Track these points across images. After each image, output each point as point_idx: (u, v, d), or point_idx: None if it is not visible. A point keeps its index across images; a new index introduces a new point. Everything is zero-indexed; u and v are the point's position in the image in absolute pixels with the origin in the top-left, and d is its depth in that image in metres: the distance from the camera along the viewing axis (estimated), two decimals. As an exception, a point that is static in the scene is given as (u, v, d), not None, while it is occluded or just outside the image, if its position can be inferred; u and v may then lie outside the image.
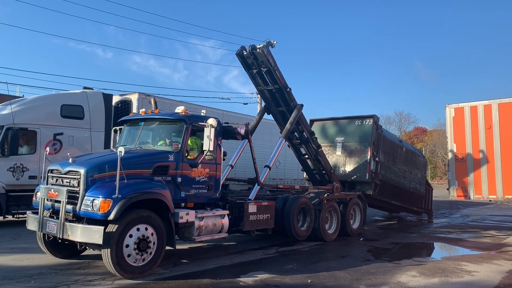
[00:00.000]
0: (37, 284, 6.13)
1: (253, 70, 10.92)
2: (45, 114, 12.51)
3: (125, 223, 6.42)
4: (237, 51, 10.73)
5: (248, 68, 10.95)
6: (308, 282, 6.67)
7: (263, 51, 10.24)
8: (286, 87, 10.94)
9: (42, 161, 11.44)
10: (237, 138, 9.39)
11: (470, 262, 8.45)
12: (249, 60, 10.66)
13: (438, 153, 69.45)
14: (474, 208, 23.18)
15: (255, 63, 10.68)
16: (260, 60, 10.50)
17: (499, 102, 15.36)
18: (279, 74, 10.71)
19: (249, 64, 10.83)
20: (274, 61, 10.57)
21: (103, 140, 13.70)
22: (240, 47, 10.71)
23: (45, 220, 6.95)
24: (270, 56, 10.46)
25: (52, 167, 7.47)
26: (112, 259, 6.26)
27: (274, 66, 10.52)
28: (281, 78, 10.77)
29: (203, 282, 6.49)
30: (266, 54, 10.27)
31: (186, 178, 7.78)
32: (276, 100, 11.41)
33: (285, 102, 11.25)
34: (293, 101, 11.15)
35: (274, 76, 10.68)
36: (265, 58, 10.32)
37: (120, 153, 6.39)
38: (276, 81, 10.79)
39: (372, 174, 12.80)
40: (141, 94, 14.64)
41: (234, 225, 8.73)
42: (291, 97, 11.11)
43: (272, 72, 10.59)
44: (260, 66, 10.67)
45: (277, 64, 10.64)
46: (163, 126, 8.46)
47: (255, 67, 10.79)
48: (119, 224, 6.34)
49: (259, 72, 10.88)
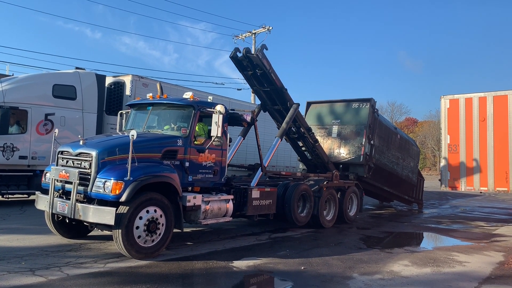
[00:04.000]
0: (28, 265, 6.13)
1: (248, 72, 10.86)
2: (36, 93, 12.40)
3: (136, 204, 6.59)
4: (231, 54, 10.57)
5: (243, 70, 10.90)
6: (302, 269, 6.77)
7: (258, 55, 10.15)
8: (282, 88, 10.95)
9: (33, 141, 11.49)
10: (243, 125, 9.55)
11: (461, 253, 8.64)
12: (244, 62, 10.60)
13: (428, 144, 70.35)
14: (463, 199, 23.68)
15: (250, 66, 10.61)
16: (255, 63, 10.43)
17: (494, 95, 15.58)
18: (275, 76, 10.68)
19: (244, 66, 10.77)
20: (269, 64, 10.50)
21: (95, 122, 13.71)
22: (234, 49, 10.55)
23: (55, 200, 7.08)
24: (265, 59, 10.39)
25: (62, 148, 7.57)
26: (123, 239, 6.45)
27: (269, 69, 10.48)
28: (276, 80, 10.75)
29: (196, 266, 6.59)
30: (261, 58, 10.20)
31: (194, 163, 7.96)
32: (272, 99, 11.44)
33: (282, 101, 11.30)
34: (290, 100, 11.18)
35: (270, 78, 10.66)
36: (260, 61, 10.26)
37: (132, 137, 6.53)
38: (271, 82, 10.78)
39: (366, 157, 13.02)
40: (135, 76, 14.54)
41: (238, 209, 8.95)
42: (288, 97, 11.14)
43: (267, 74, 10.54)
44: (255, 69, 10.58)
45: (272, 66, 10.56)
46: (172, 111, 8.58)
47: (250, 69, 10.73)
48: (130, 205, 6.52)
49: (254, 74, 10.80)
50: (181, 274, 6.19)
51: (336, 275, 6.52)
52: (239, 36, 32.02)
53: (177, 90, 14.27)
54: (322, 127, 14.03)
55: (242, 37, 31.84)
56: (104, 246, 7.61)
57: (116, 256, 6.90)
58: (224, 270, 6.52)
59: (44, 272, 5.85)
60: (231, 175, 9.80)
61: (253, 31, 31.46)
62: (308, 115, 14.59)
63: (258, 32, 31.34)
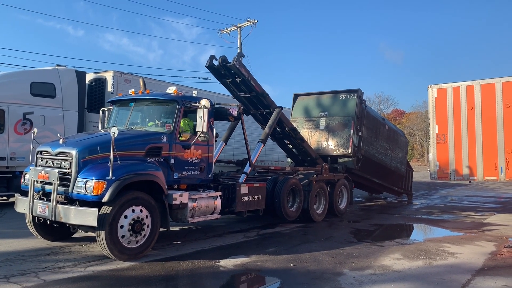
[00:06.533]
0: (2, 271, 5.86)
1: (226, 80, 10.61)
2: (13, 92, 12.00)
3: (119, 204, 6.36)
4: (207, 63, 10.25)
5: (221, 78, 10.64)
6: (291, 266, 6.60)
7: (235, 64, 9.88)
8: (263, 93, 10.72)
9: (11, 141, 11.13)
10: (229, 120, 9.34)
11: (453, 244, 8.57)
12: (222, 71, 10.32)
13: (416, 135, 70.90)
14: (452, 189, 23.80)
15: (228, 74, 10.35)
16: (233, 72, 10.17)
17: (482, 83, 15.56)
18: (255, 83, 10.44)
19: (221, 75, 10.51)
20: (248, 71, 10.25)
21: (76, 120, 13.35)
22: (209, 58, 10.22)
23: (35, 202, 6.82)
24: (243, 67, 10.14)
25: (41, 148, 7.29)
26: (106, 241, 6.21)
27: (248, 76, 10.22)
28: (257, 86, 10.52)
29: (181, 267, 6.38)
30: (238, 67, 9.95)
31: (179, 160, 7.74)
32: (254, 104, 11.18)
33: (264, 106, 11.06)
34: (272, 104, 10.94)
35: (250, 85, 10.42)
36: (238, 70, 10.02)
37: (113, 134, 6.28)
38: (251, 89, 10.54)
39: (354, 148, 12.91)
40: (116, 72, 14.18)
41: (226, 206, 8.77)
42: (270, 101, 10.90)
43: (247, 82, 10.30)
44: (234, 77, 10.32)
45: (251, 73, 10.30)
46: (155, 107, 8.32)
47: (228, 77, 10.47)
48: (113, 205, 6.29)
49: (233, 81, 10.52)
50: (165, 276, 5.96)
51: (326, 272, 6.36)
52: (224, 30, 31.64)
53: (161, 85, 13.94)
54: (309, 119, 13.87)
55: (227, 31, 31.47)
56: (85, 249, 7.35)
57: (98, 258, 6.66)
58: (210, 270, 6.33)
59: (19, 279, 5.58)
60: (219, 171, 9.61)
61: (238, 25, 31.09)
62: (295, 107, 14.41)
63: (243, 26, 31.00)
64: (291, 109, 14.51)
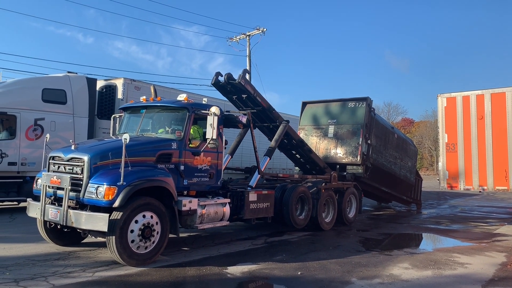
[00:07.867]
0: (12, 275, 5.92)
1: (232, 96, 10.67)
2: (25, 98, 12.14)
3: (130, 210, 6.42)
4: (212, 80, 10.32)
5: (227, 94, 10.71)
6: (298, 274, 6.58)
7: (241, 82, 9.92)
8: (269, 108, 10.77)
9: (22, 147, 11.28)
10: (239, 127, 9.39)
11: (462, 254, 8.49)
12: (227, 87, 10.36)
13: (425, 144, 70.39)
14: (462, 199, 23.58)
15: (234, 91, 10.40)
16: (239, 88, 10.21)
17: (492, 92, 15.38)
18: (261, 98, 10.50)
19: (227, 91, 10.56)
20: (253, 88, 10.31)
21: (87, 126, 13.46)
22: (215, 74, 10.27)
23: (47, 207, 6.90)
24: (249, 85, 10.21)
25: (53, 153, 7.39)
26: (116, 245, 6.28)
27: (254, 93, 10.28)
28: (263, 102, 10.56)
29: (189, 274, 6.40)
30: (244, 84, 10.00)
31: (189, 166, 7.81)
32: (260, 118, 11.21)
33: (270, 120, 11.11)
34: (279, 118, 10.98)
35: (256, 101, 10.47)
36: (243, 87, 10.07)
37: (125, 140, 6.36)
38: (258, 104, 10.58)
39: (363, 157, 12.85)
40: (127, 79, 14.27)
41: (235, 213, 8.79)
42: (276, 115, 10.95)
43: (252, 98, 10.35)
44: (240, 93, 10.38)
45: (256, 90, 10.36)
46: (166, 114, 8.41)
47: (234, 93, 10.52)
48: (124, 211, 6.35)
49: (239, 97, 10.58)
50: (173, 283, 5.98)
51: (334, 280, 6.35)
52: (233, 38, 31.86)
53: (170, 93, 14.06)
54: (318, 127, 13.87)
55: (236, 39, 31.68)
56: (94, 254, 7.42)
57: (106, 264, 6.71)
58: (218, 277, 6.34)
59: (28, 282, 5.65)
60: (228, 178, 9.64)
61: (247, 33, 31.30)
62: (303, 115, 14.43)
63: (252, 34, 31.19)
64: (300, 117, 14.52)
